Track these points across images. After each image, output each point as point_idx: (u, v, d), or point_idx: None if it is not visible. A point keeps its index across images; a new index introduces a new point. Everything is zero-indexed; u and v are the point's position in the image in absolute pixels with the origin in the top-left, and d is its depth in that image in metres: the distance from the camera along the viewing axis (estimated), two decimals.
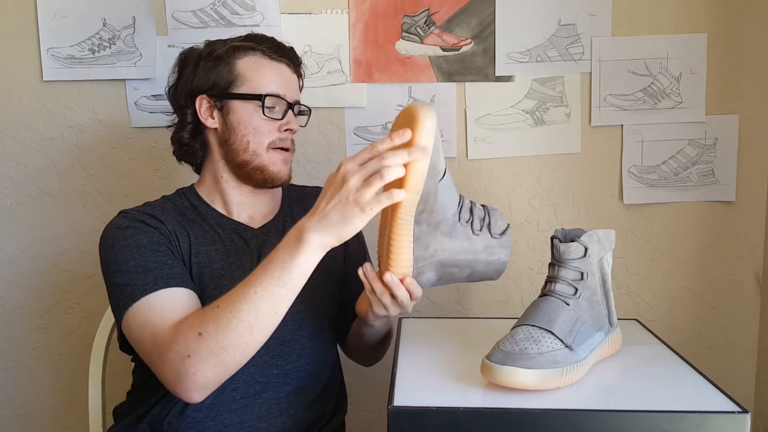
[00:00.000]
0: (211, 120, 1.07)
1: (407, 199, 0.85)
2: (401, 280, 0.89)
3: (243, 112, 1.05)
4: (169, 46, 1.43)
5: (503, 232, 0.94)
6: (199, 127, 1.09)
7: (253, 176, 1.07)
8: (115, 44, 1.44)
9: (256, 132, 1.05)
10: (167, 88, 1.12)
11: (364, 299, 1.00)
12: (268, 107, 1.05)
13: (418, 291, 0.91)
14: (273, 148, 1.06)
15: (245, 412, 1.01)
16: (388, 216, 0.90)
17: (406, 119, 0.86)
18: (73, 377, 1.53)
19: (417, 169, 0.84)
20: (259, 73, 1.05)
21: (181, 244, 1.02)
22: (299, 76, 1.13)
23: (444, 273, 0.93)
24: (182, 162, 1.15)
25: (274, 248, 0.88)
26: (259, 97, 1.04)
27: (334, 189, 0.85)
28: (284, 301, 0.87)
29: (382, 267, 0.91)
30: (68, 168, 1.49)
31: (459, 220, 0.91)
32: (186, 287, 0.96)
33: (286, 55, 1.09)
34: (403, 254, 0.88)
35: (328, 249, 0.87)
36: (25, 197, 1.50)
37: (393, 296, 0.90)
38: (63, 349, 1.54)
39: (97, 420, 1.22)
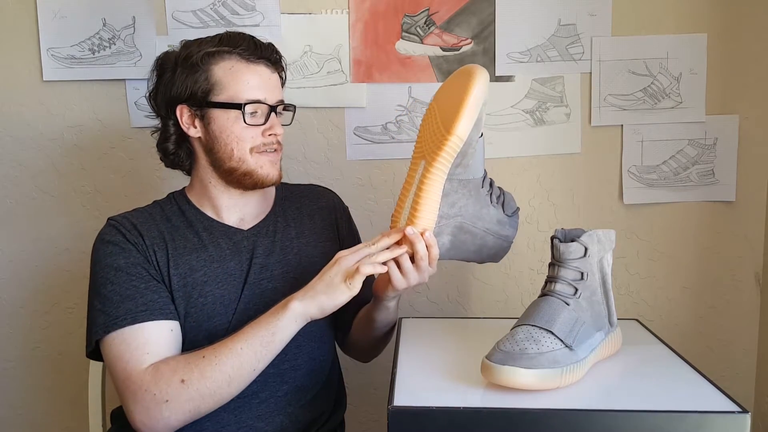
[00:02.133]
0: (193, 129, 1.05)
1: (451, 142, 0.90)
2: (421, 234, 0.92)
3: (224, 120, 1.02)
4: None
5: (513, 213, 1.01)
6: (182, 136, 1.07)
7: (242, 181, 1.05)
8: (115, 44, 1.44)
9: (239, 139, 1.03)
10: (147, 94, 1.10)
11: (382, 278, 1.00)
12: (250, 113, 1.03)
13: (436, 249, 0.93)
14: (258, 152, 1.04)
15: (243, 411, 1.01)
16: (416, 172, 0.95)
17: (462, 77, 0.93)
18: (73, 377, 1.53)
19: (468, 114, 0.89)
20: (236, 80, 1.02)
21: (158, 258, 1.01)
22: (281, 71, 1.10)
23: (457, 241, 0.97)
24: (171, 168, 1.14)
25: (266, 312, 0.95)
26: (239, 106, 1.01)
27: (325, 269, 0.94)
28: (263, 360, 0.93)
29: (404, 224, 0.95)
30: (68, 168, 1.49)
31: (482, 186, 0.97)
32: (158, 319, 0.96)
33: (264, 55, 1.05)
34: (430, 206, 0.92)
35: (308, 319, 0.94)
36: (25, 197, 1.50)
37: (412, 257, 0.93)
38: (63, 349, 1.53)
39: (97, 420, 1.22)
